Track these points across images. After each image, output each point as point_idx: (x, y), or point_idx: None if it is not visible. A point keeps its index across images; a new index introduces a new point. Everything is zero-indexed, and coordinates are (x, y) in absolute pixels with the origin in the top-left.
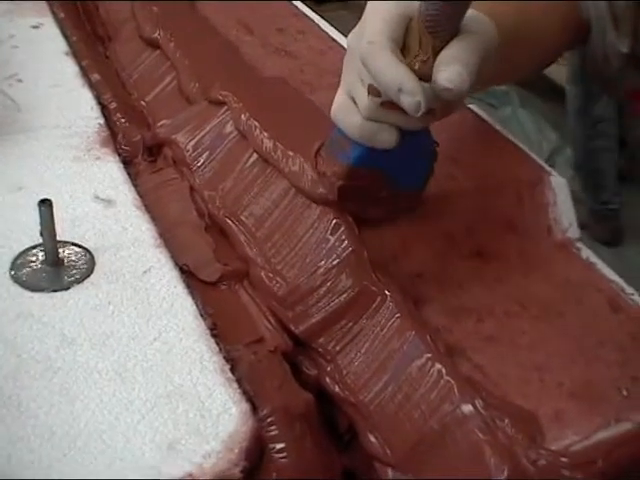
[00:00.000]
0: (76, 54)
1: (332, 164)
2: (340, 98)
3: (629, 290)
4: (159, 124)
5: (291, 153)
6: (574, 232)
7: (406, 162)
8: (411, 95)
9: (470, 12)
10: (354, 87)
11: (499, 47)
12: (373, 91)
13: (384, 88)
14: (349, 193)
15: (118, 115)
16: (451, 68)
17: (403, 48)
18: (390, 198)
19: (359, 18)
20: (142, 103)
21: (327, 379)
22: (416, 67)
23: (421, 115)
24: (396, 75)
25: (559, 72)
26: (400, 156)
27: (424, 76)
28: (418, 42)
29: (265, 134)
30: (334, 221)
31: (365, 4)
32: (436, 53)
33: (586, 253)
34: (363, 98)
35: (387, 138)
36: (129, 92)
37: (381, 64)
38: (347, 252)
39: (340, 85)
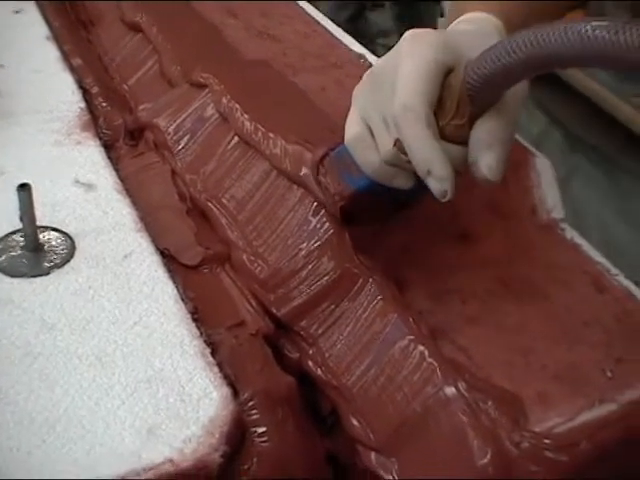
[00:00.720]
0: (58, 39)
1: (336, 182)
2: (356, 127)
3: (614, 271)
4: (140, 108)
5: (272, 135)
6: (559, 213)
7: (411, 189)
8: (440, 182)
9: None
10: (374, 123)
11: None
12: (400, 148)
13: (413, 162)
14: (351, 212)
15: (100, 99)
16: (493, 155)
17: (437, 104)
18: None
19: None
20: (124, 87)
21: (309, 362)
22: (449, 131)
23: None
24: (429, 156)
25: None
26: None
27: (456, 139)
28: (456, 104)
29: (246, 116)
30: (315, 203)
31: None
32: (472, 119)
33: (571, 234)
34: (385, 143)
35: (403, 182)
36: (111, 76)
37: (415, 139)
38: (328, 234)
39: (353, 107)
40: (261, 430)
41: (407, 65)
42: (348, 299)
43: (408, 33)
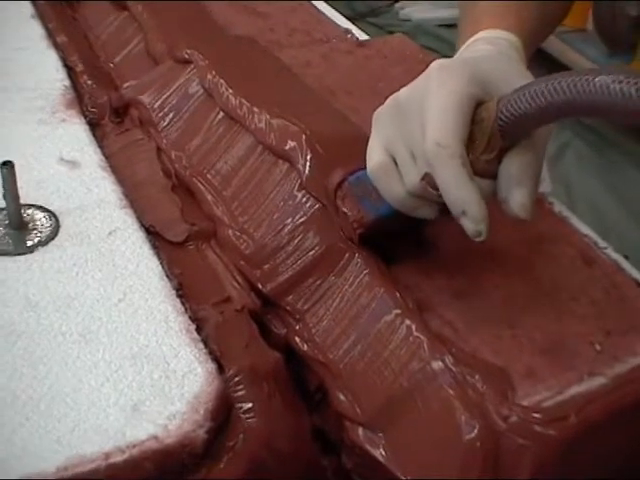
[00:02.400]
0: (43, 17)
1: (355, 209)
2: (380, 156)
3: (602, 244)
4: (125, 85)
5: (256, 110)
6: (546, 186)
7: None
8: (475, 222)
9: None
10: (400, 154)
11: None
12: (430, 182)
13: (447, 202)
14: (370, 239)
15: (85, 77)
16: (524, 191)
17: (468, 138)
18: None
19: None
20: (110, 65)
21: (296, 338)
22: (480, 165)
23: None
24: (466, 197)
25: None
26: None
27: (486, 173)
28: (487, 139)
29: (230, 91)
30: (300, 180)
31: None
32: (502, 152)
33: (559, 207)
34: (412, 175)
35: (427, 213)
36: (97, 54)
37: (451, 178)
38: (314, 209)
39: (375, 133)
40: (247, 406)
41: (438, 98)
42: (334, 274)
43: (436, 63)
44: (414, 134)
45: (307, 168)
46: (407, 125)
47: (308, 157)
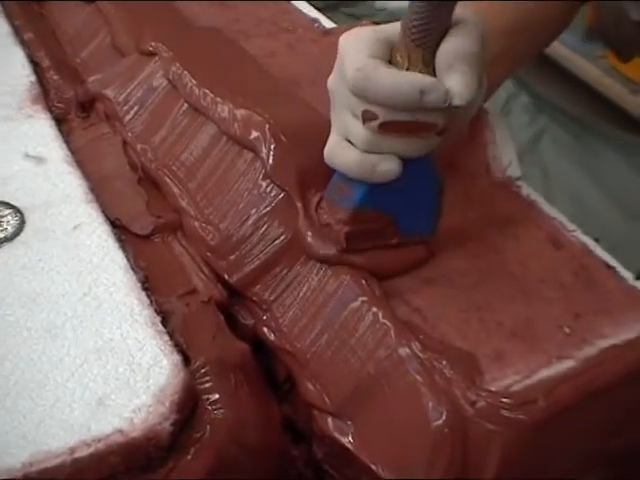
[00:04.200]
0: (9, 15)
1: (335, 212)
2: (332, 140)
3: (571, 227)
4: (91, 79)
5: (220, 100)
6: (514, 170)
7: (411, 201)
8: (436, 91)
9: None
10: (346, 125)
11: (500, 40)
12: (369, 115)
13: (400, 100)
14: (358, 241)
15: (51, 72)
16: (454, 75)
17: (389, 64)
18: (400, 247)
19: None
20: (76, 60)
21: (263, 328)
22: None
23: (426, 139)
24: (411, 79)
25: None
26: (404, 194)
27: None
28: (407, 59)
29: (194, 82)
30: (264, 170)
31: None
32: (427, 66)
33: (527, 190)
34: (358, 130)
35: (389, 167)
36: (64, 50)
37: (385, 79)
38: (279, 198)
39: (331, 133)
40: (214, 397)
41: (348, 52)
42: (300, 263)
43: (342, 35)
44: (347, 99)
45: (271, 157)
46: (340, 99)
47: (272, 146)
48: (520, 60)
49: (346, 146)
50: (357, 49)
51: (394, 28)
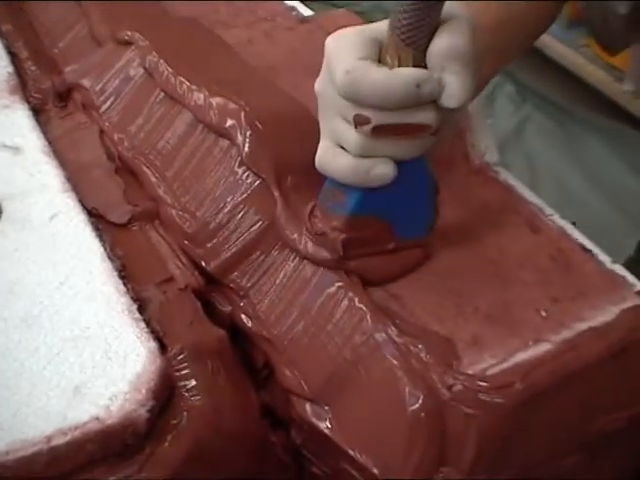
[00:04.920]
0: None
1: (329, 220)
2: (322, 146)
3: (549, 211)
4: (68, 69)
5: (195, 88)
6: (492, 156)
7: (407, 203)
8: (431, 81)
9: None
10: (337, 130)
11: (486, 37)
12: (361, 120)
13: (395, 99)
14: (354, 248)
15: (29, 63)
16: (447, 76)
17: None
18: (397, 251)
19: None
20: (54, 51)
21: (241, 315)
22: None
23: (420, 140)
24: (405, 75)
25: None
26: (400, 197)
27: None
28: (397, 59)
29: (170, 70)
30: (240, 157)
31: None
32: (418, 65)
33: (504, 176)
34: (350, 135)
35: (383, 171)
36: (42, 41)
37: (377, 79)
38: (255, 185)
39: (321, 139)
40: (191, 384)
41: (337, 54)
42: (277, 249)
43: (329, 36)
44: (336, 104)
45: (247, 145)
46: (329, 103)
47: (248, 134)
48: (507, 56)
49: (338, 152)
50: (345, 51)
51: (382, 27)
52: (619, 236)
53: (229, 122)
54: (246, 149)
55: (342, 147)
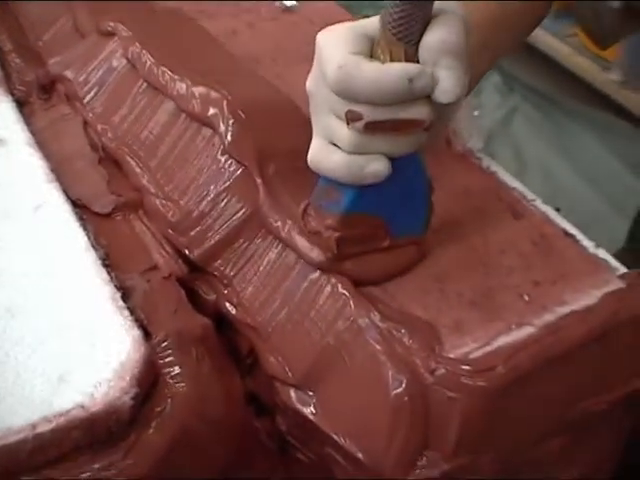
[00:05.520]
0: None
1: (323, 218)
2: (315, 144)
3: (531, 197)
4: (51, 61)
5: (178, 78)
6: (475, 143)
7: (402, 200)
8: (424, 76)
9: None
10: (329, 128)
11: (478, 33)
12: (354, 116)
13: (387, 94)
14: (349, 246)
15: (13, 56)
16: (440, 71)
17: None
18: (392, 249)
19: None
20: (39, 43)
21: (225, 303)
22: None
23: (414, 135)
24: (397, 69)
25: None
26: (394, 194)
27: None
28: (388, 54)
29: (153, 60)
30: (222, 145)
31: None
32: (410, 60)
33: (487, 162)
34: (342, 132)
35: (377, 168)
36: (26, 34)
37: (369, 74)
38: (237, 174)
39: (313, 137)
40: (175, 371)
41: (327, 50)
42: (260, 236)
43: (320, 32)
44: (328, 100)
45: (229, 133)
46: (321, 100)
47: (230, 122)
48: (500, 53)
49: (331, 149)
50: (336, 46)
51: (373, 23)
52: (607, 225)
53: (211, 111)
54: (228, 137)
55: (335, 144)
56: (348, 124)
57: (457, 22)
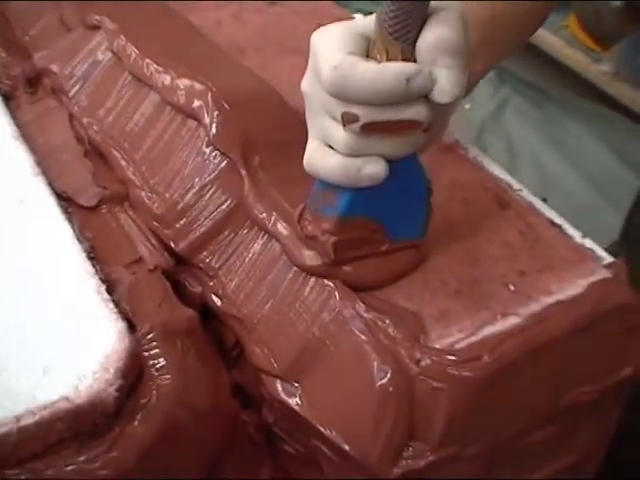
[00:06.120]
0: None
1: (320, 222)
2: (310, 146)
3: (517, 186)
4: (37, 55)
5: (163, 70)
6: (463, 135)
7: (400, 203)
8: (422, 75)
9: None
10: (325, 129)
11: (477, 31)
12: (350, 117)
13: (384, 94)
14: (346, 250)
15: None
16: (440, 72)
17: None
18: (391, 253)
19: None
20: (25, 38)
21: (211, 295)
22: None
23: (412, 136)
24: (394, 69)
25: None
26: (392, 197)
27: None
28: (385, 54)
29: (137, 53)
30: (207, 137)
31: None
32: (407, 59)
33: (473, 153)
34: (338, 134)
35: (374, 169)
36: (12, 28)
37: (366, 74)
38: (222, 165)
39: (308, 139)
40: (161, 363)
41: (322, 50)
42: (245, 228)
43: (314, 33)
44: (324, 102)
45: (214, 125)
46: (316, 102)
47: (215, 114)
48: (499, 52)
49: (327, 152)
50: (331, 47)
51: (368, 22)
52: (599, 217)
53: (196, 103)
54: (213, 129)
55: (331, 147)
56: (344, 126)
57: (455, 19)
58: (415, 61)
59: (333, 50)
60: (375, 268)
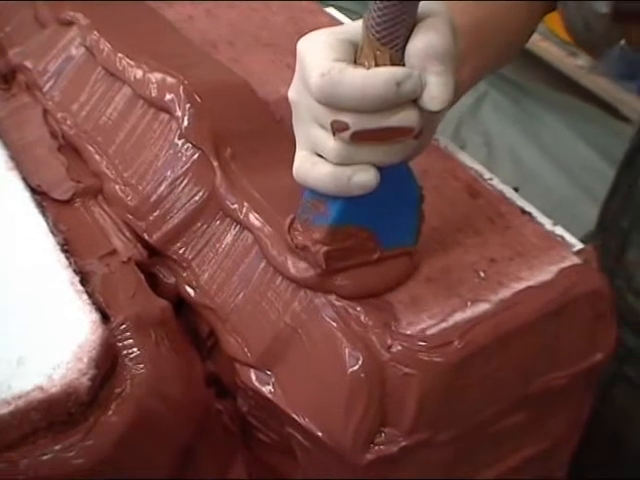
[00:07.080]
0: None
1: (310, 232)
2: (299, 156)
3: (488, 175)
4: (12, 51)
5: (135, 63)
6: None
7: (391, 211)
8: (411, 78)
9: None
10: (313, 138)
11: (464, 38)
12: (339, 126)
13: (374, 100)
14: (338, 260)
15: None
16: (430, 80)
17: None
18: (383, 261)
19: None
20: (0, 35)
21: (185, 286)
22: None
23: (402, 144)
24: (384, 74)
25: None
26: (383, 205)
27: None
28: (373, 60)
29: (110, 47)
30: (179, 130)
31: None
32: (395, 65)
33: (444, 142)
34: (328, 143)
35: (365, 178)
36: None
37: (354, 80)
38: (194, 157)
39: (297, 149)
40: (134, 354)
41: (309, 57)
42: (218, 219)
43: (300, 40)
44: (312, 110)
45: (186, 118)
46: (304, 110)
47: (186, 107)
48: (487, 61)
49: (316, 161)
50: (318, 53)
51: (355, 28)
52: (577, 209)
53: (168, 96)
54: (185, 122)
55: (320, 155)
56: (334, 134)
57: (445, 25)
58: (404, 66)
59: (320, 57)
60: (368, 277)
